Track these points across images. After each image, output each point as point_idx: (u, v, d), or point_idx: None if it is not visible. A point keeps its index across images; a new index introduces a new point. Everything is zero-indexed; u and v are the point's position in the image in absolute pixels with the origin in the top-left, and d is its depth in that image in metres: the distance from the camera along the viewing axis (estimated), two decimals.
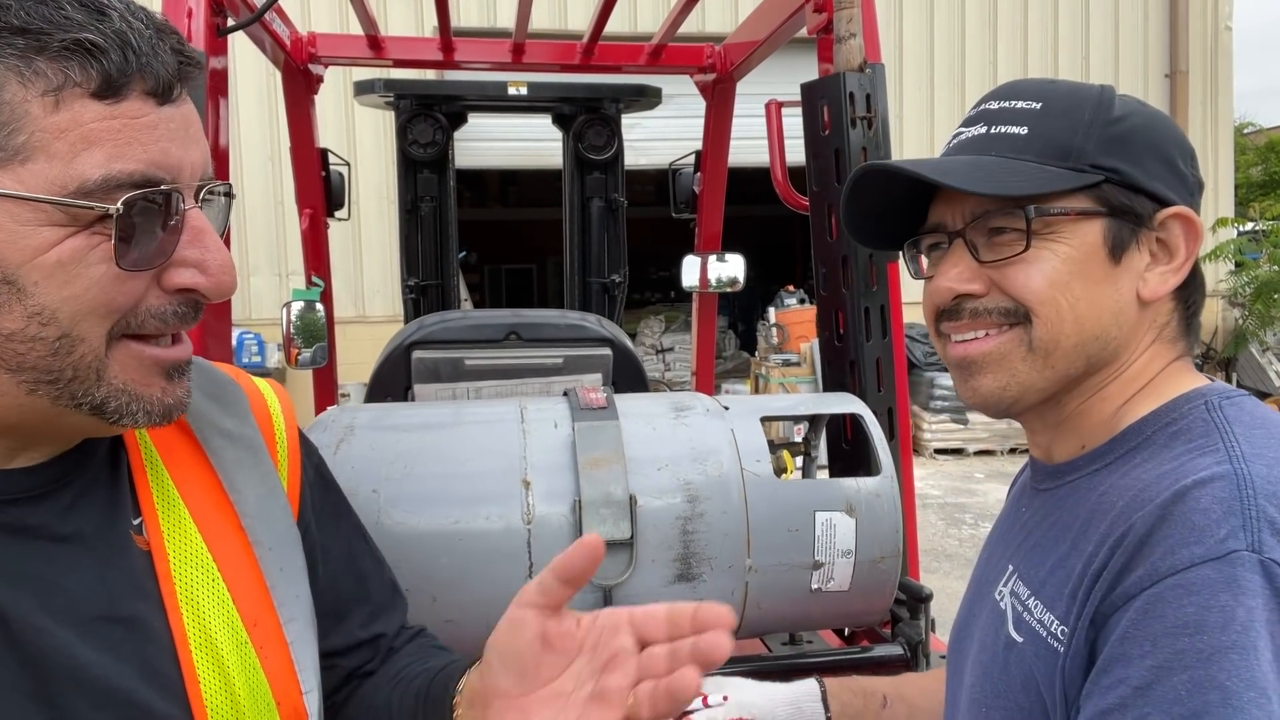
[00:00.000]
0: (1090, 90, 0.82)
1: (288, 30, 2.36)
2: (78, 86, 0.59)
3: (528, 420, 1.43)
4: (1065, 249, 0.79)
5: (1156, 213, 0.79)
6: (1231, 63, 11.23)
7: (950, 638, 1.00)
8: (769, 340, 10.12)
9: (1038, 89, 0.83)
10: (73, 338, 0.62)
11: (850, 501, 1.42)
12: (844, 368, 1.80)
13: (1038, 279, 0.79)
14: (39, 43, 0.59)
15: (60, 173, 0.59)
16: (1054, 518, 0.83)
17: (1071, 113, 0.80)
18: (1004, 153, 0.80)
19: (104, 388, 0.64)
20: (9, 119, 0.59)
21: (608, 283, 3.18)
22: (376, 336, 5.99)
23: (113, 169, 0.60)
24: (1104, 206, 0.79)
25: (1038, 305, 0.79)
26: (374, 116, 8.71)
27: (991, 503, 7.45)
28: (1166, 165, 0.80)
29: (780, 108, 2.12)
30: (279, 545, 0.79)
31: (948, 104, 10.75)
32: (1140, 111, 0.81)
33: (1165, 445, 0.76)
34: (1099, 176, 0.78)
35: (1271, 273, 9.70)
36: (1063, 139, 0.79)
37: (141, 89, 0.62)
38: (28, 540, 0.66)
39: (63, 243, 0.60)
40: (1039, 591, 0.79)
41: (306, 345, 2.80)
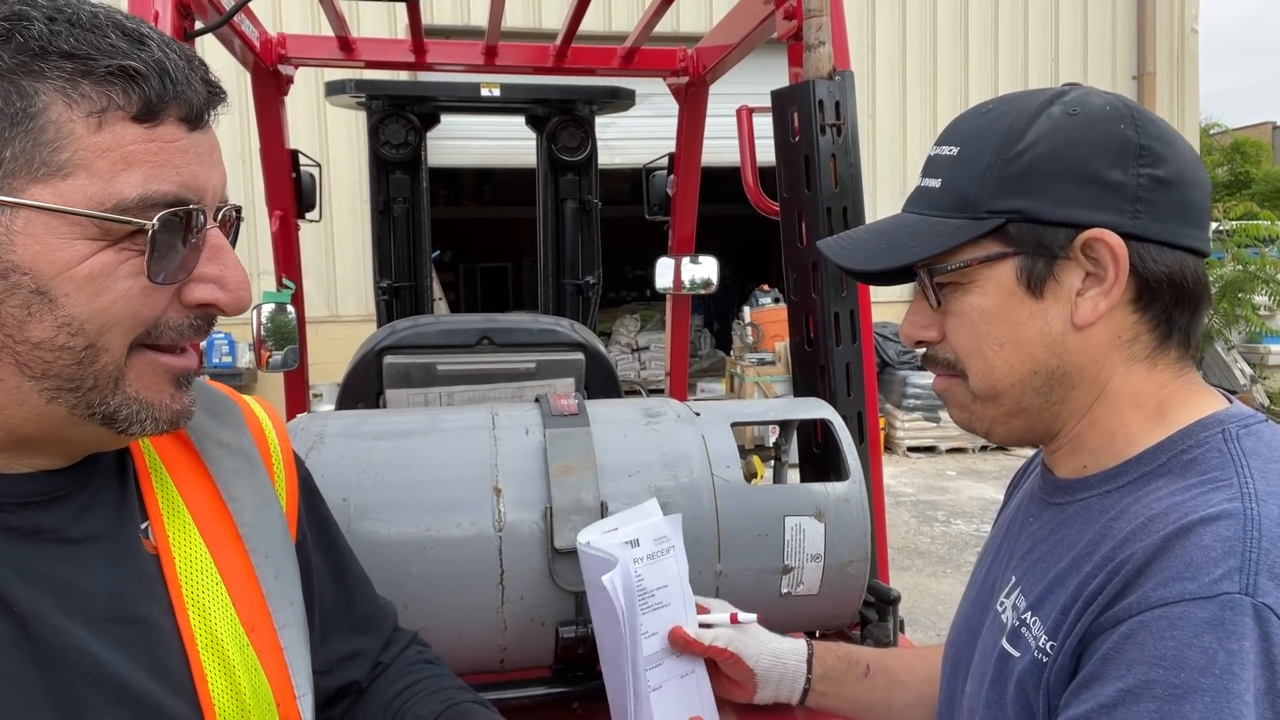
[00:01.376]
0: (1007, 120, 0.79)
1: (257, 31, 2.34)
2: (120, 110, 0.64)
3: (499, 427, 1.43)
4: (979, 297, 0.81)
5: (1073, 239, 0.76)
6: (1197, 64, 11.41)
7: (950, 636, 1.00)
8: (744, 339, 10.16)
9: (965, 129, 0.83)
10: (97, 348, 0.65)
11: (819, 506, 1.43)
12: (814, 372, 1.81)
13: (963, 334, 0.83)
14: (85, 67, 0.63)
15: (99, 190, 0.63)
16: (1060, 534, 0.83)
17: (976, 157, 0.79)
18: (923, 209, 0.84)
19: (118, 396, 0.68)
20: (54, 137, 0.62)
21: (582, 284, 3.19)
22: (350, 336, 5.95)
23: (149, 189, 0.64)
24: (1011, 247, 0.78)
25: (966, 359, 0.83)
26: (347, 115, 8.63)
27: (963, 500, 7.53)
28: (1085, 183, 0.76)
29: (751, 113, 2.14)
30: (274, 553, 0.83)
31: (919, 104, 10.84)
32: (1060, 130, 0.77)
33: (1179, 474, 0.75)
34: (998, 220, 0.78)
35: (1236, 272, 9.87)
36: (962, 189, 0.80)
37: (176, 115, 0.66)
38: (42, 543, 0.69)
39: (94, 256, 0.64)
40: (1036, 607, 0.79)
41: (278, 348, 2.78)
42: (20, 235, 0.62)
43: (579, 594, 1.33)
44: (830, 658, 1.17)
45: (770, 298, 10.72)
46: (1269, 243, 9.96)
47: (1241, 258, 9.89)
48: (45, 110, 0.62)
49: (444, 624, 1.32)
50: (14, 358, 0.64)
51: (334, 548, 0.99)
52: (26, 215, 0.62)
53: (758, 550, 1.41)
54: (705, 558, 1.38)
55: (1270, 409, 9.67)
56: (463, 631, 1.33)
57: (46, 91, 0.62)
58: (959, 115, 0.86)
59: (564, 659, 1.37)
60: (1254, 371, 10.07)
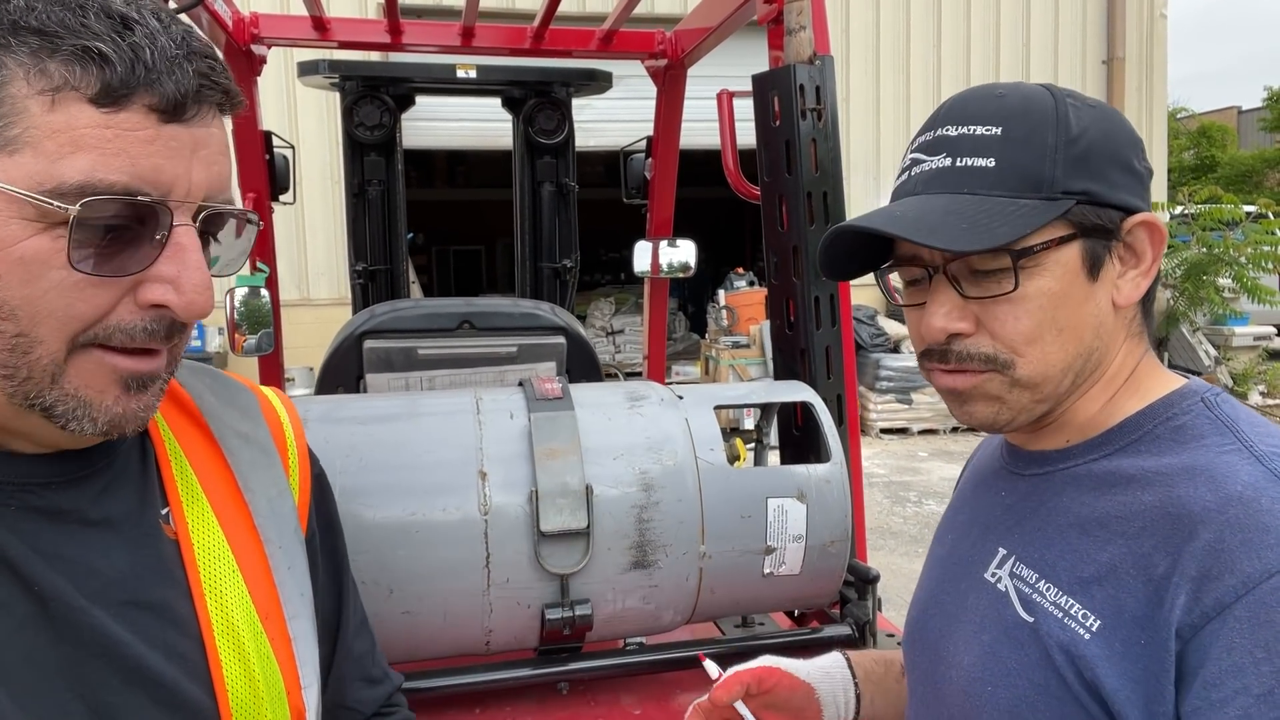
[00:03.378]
0: (1042, 105, 0.80)
1: (229, 10, 2.30)
2: (75, 90, 0.61)
3: (483, 411, 1.43)
4: (1048, 281, 0.79)
5: (1123, 222, 0.80)
6: (1166, 49, 11.54)
7: (912, 618, 1.00)
8: (719, 322, 10.19)
9: (993, 110, 0.81)
10: (30, 338, 0.63)
11: (801, 488, 1.45)
12: (795, 355, 1.83)
13: (1025, 321, 0.80)
14: (52, 45, 0.61)
15: (42, 170, 0.60)
16: (1053, 504, 0.84)
17: (1034, 138, 0.79)
18: (976, 189, 0.79)
19: (55, 391, 0.65)
20: (8, 111, 0.60)
21: (559, 268, 3.18)
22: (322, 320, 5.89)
23: (94, 176, 0.61)
24: (1078, 229, 0.79)
25: (1023, 347, 0.81)
26: (318, 96, 8.53)
27: (935, 480, 7.63)
28: (1126, 170, 0.80)
29: (731, 97, 2.14)
30: (287, 545, 0.83)
31: (893, 87, 10.88)
32: (1094, 120, 0.80)
33: (1172, 438, 0.79)
34: (1071, 201, 0.78)
35: (1200, 255, 10.03)
36: (1033, 169, 0.78)
37: (145, 103, 0.62)
38: (62, 524, 0.69)
39: (29, 240, 0.61)
40: (1050, 575, 0.80)
41: (251, 332, 2.75)
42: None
43: (564, 577, 1.34)
44: (867, 661, 1.12)
45: (745, 281, 10.75)
46: (1233, 226, 10.13)
47: (1206, 240, 10.05)
48: (6, 84, 0.60)
49: (430, 607, 1.32)
50: None
51: (335, 554, 0.98)
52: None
53: (741, 531, 1.42)
54: (689, 540, 1.40)
55: (1234, 390, 9.86)
56: (448, 614, 1.33)
57: (9, 65, 0.60)
58: (962, 98, 0.84)
59: (549, 641, 1.38)
60: (1218, 353, 10.26)
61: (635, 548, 1.38)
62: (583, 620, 1.35)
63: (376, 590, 1.29)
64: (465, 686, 1.38)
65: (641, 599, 1.40)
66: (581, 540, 1.34)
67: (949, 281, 0.82)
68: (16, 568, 0.66)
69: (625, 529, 1.37)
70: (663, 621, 1.45)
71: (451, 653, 1.39)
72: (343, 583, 0.99)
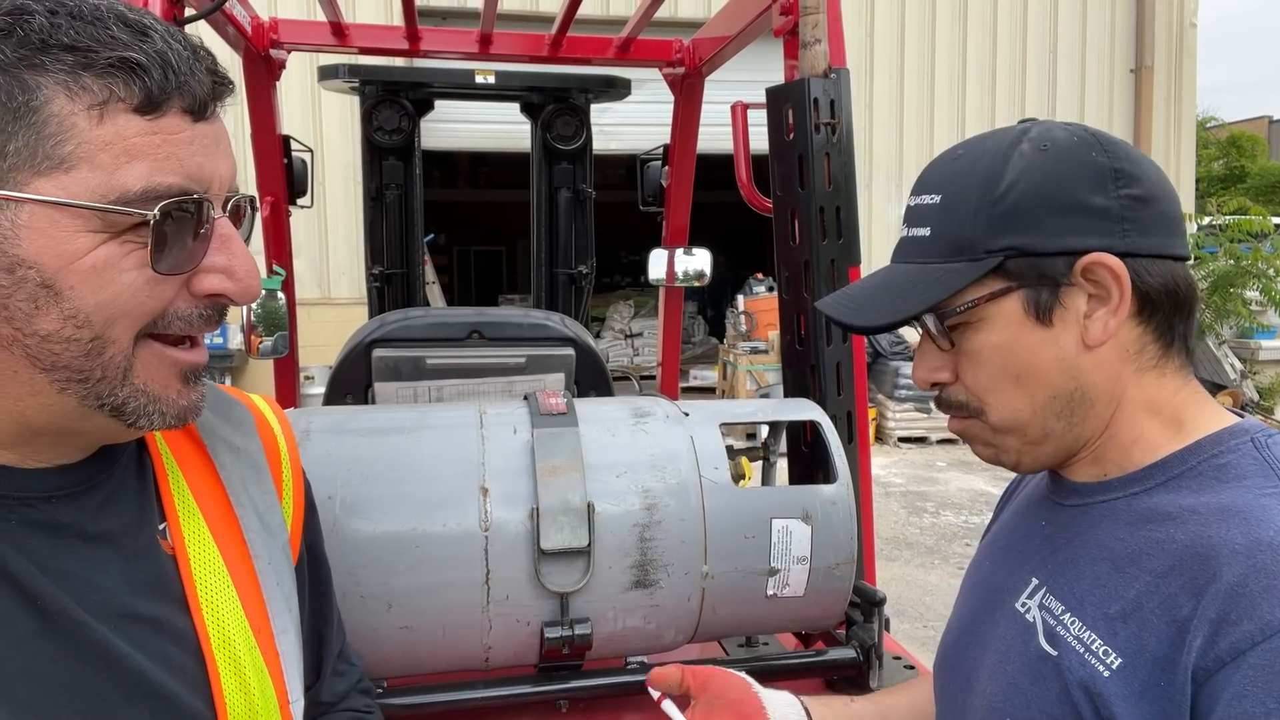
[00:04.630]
0: (982, 164, 0.82)
1: (249, 15, 2.32)
2: (121, 102, 0.63)
3: (487, 425, 1.43)
4: (991, 334, 0.82)
5: (1072, 265, 0.79)
6: (1195, 58, 11.40)
7: (947, 643, 1.00)
8: (737, 328, 10.16)
9: (942, 176, 0.85)
10: (104, 340, 0.66)
11: (807, 509, 1.43)
12: (805, 371, 1.81)
13: (981, 373, 0.84)
14: (86, 59, 0.63)
15: (103, 182, 0.63)
16: (1087, 536, 0.84)
17: (960, 204, 0.82)
18: (915, 258, 0.85)
19: (127, 388, 0.68)
20: (56, 130, 0.62)
21: (575, 273, 3.17)
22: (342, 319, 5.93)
23: (153, 181, 0.64)
24: (1013, 281, 0.80)
25: (985, 396, 0.85)
26: (341, 97, 8.58)
27: (953, 491, 7.57)
28: (1072, 212, 0.79)
29: (746, 109, 2.12)
30: (275, 561, 0.84)
31: (917, 96, 10.81)
32: (1036, 167, 0.80)
33: (1214, 476, 0.77)
34: (997, 259, 0.80)
35: (1228, 266, 9.89)
36: (955, 234, 0.82)
37: (179, 106, 0.66)
38: (62, 538, 0.70)
39: (98, 249, 0.64)
40: (1076, 609, 0.80)
41: (268, 334, 2.77)
42: (25, 229, 0.62)
43: (564, 595, 1.33)
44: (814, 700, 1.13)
45: (765, 286, 10.71)
46: (1262, 238, 9.98)
47: (1234, 252, 9.91)
48: (47, 104, 0.62)
49: (428, 622, 1.32)
50: (25, 351, 0.64)
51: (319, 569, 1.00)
52: (31, 209, 0.62)
53: (745, 552, 1.41)
54: (692, 559, 1.38)
55: (1260, 404, 9.72)
56: (447, 630, 1.33)
57: (48, 85, 0.62)
58: (931, 163, 0.89)
59: (549, 659, 1.37)
60: (1244, 367, 10.11)
61: (637, 566, 1.36)
62: (582, 640, 1.34)
63: (375, 605, 1.28)
64: (464, 703, 1.37)
65: (643, 618, 1.39)
66: (582, 558, 1.33)
67: (936, 336, 0.86)
68: (18, 581, 0.66)
69: (627, 547, 1.36)
70: (664, 641, 1.44)
71: (450, 668, 1.38)
72: (326, 593, 1.00)
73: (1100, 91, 11.02)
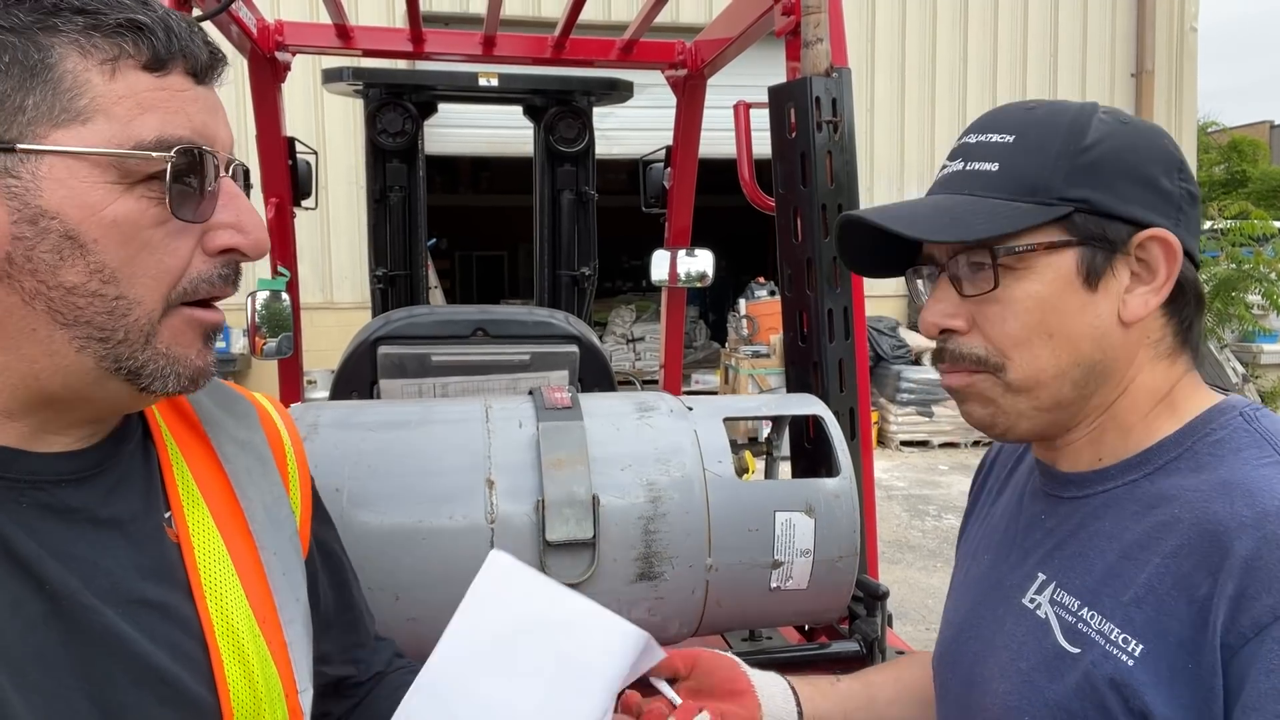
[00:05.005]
0: (1065, 116, 0.82)
1: (254, 18, 2.33)
2: (130, 59, 0.67)
3: (492, 419, 1.44)
4: (1037, 285, 0.80)
5: (1133, 236, 0.79)
6: (1196, 62, 11.41)
7: (945, 639, 0.99)
8: (739, 331, 10.17)
9: (1015, 120, 0.83)
10: (129, 300, 0.68)
11: (810, 502, 1.44)
12: (807, 368, 1.82)
13: (1012, 322, 0.81)
14: (96, 21, 0.66)
15: (118, 132, 0.66)
16: (1093, 528, 0.83)
17: (1041, 146, 0.80)
18: (976, 191, 0.82)
19: (148, 351, 0.69)
20: (71, 85, 0.65)
21: (577, 275, 3.19)
22: (344, 323, 5.95)
23: (166, 131, 0.67)
24: (1075, 236, 0.79)
25: (1011, 350, 0.81)
26: (344, 101, 8.62)
27: (955, 494, 7.56)
28: (1145, 186, 0.80)
29: (748, 108, 2.14)
30: (282, 551, 0.85)
31: (918, 97, 10.84)
32: (1118, 133, 0.81)
33: (1210, 453, 0.78)
34: (1067, 208, 0.79)
35: (1230, 270, 9.90)
36: (1030, 175, 0.80)
37: (183, 67, 0.69)
38: (71, 522, 0.71)
39: (117, 201, 0.66)
40: (1092, 602, 0.79)
41: (272, 335, 2.78)
42: (46, 180, 0.65)
43: (569, 587, 1.34)
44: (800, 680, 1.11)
45: (766, 290, 10.72)
46: (1263, 241, 9.99)
47: (1236, 256, 9.92)
48: (62, 61, 0.65)
49: (434, 615, 1.32)
50: (47, 304, 0.66)
51: (334, 557, 1.01)
52: (50, 161, 0.65)
53: (748, 545, 1.42)
54: (696, 552, 1.39)
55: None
56: None
57: (61, 44, 0.65)
58: (996, 108, 0.87)
59: None
60: (1246, 370, 10.11)
61: (641, 559, 1.37)
62: None
63: (382, 596, 1.29)
64: None
65: (647, 610, 1.40)
66: (587, 551, 1.34)
67: (950, 281, 0.83)
68: (29, 565, 0.67)
69: (632, 540, 1.37)
70: (669, 633, 1.45)
71: None
72: (345, 582, 1.01)
73: (1101, 95, 11.04)
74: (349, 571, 1.03)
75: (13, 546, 0.67)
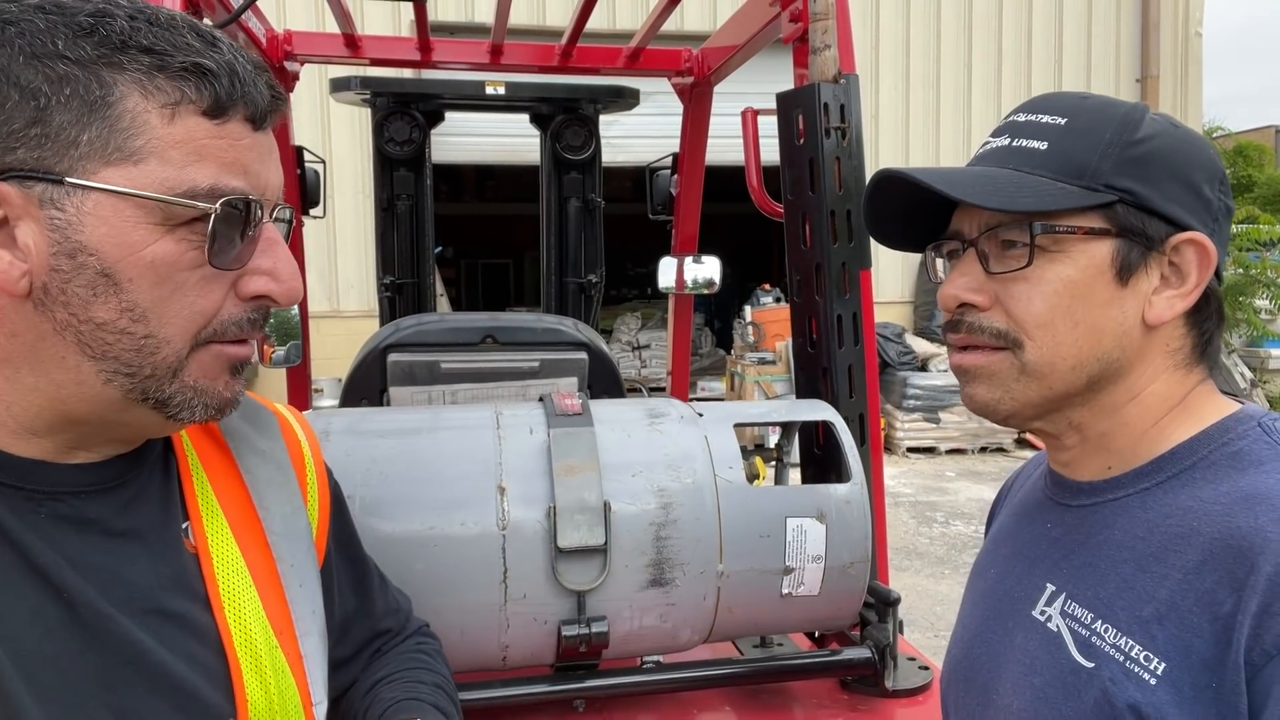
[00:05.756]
0: (1120, 109, 0.81)
1: (263, 28, 2.35)
2: (192, 104, 0.67)
3: (503, 426, 1.44)
4: (1069, 269, 0.79)
5: (1170, 236, 0.79)
6: (1201, 68, 11.41)
7: (955, 655, 0.97)
8: (745, 339, 10.16)
9: (1068, 104, 0.83)
10: (158, 339, 0.68)
11: (821, 508, 1.44)
12: (817, 374, 1.82)
13: (1038, 302, 0.80)
14: (162, 62, 0.66)
15: (171, 176, 0.66)
16: (1103, 536, 0.81)
17: (1093, 131, 0.80)
18: (1021, 167, 0.81)
19: (174, 384, 0.70)
20: (129, 125, 0.65)
21: (584, 283, 3.19)
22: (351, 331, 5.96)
23: (219, 181, 0.68)
24: (1114, 226, 0.78)
25: (1034, 329, 0.80)
26: (350, 110, 8.65)
27: (962, 501, 7.54)
28: (1188, 189, 0.79)
29: (756, 115, 2.14)
30: (299, 563, 0.85)
31: (922, 105, 10.84)
32: (1169, 134, 0.80)
33: (1228, 464, 0.76)
34: (1112, 197, 0.78)
35: (1237, 276, 9.87)
36: (1079, 157, 0.79)
37: (243, 114, 0.69)
38: (89, 533, 0.71)
39: (157, 243, 0.66)
40: (1107, 615, 0.77)
41: (280, 343, 2.79)
42: (90, 216, 0.65)
43: (581, 593, 1.34)
44: None
45: (771, 297, 10.72)
46: (1270, 246, 9.96)
47: (1243, 261, 9.88)
48: (122, 100, 0.65)
49: (446, 622, 1.32)
50: (77, 337, 0.66)
51: (357, 560, 1.02)
52: (97, 198, 0.65)
53: (759, 551, 1.41)
54: (707, 558, 1.39)
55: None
56: (465, 629, 1.33)
57: (124, 82, 0.65)
58: (1046, 94, 0.86)
59: (566, 658, 1.38)
60: (1254, 375, 10.07)
61: (653, 565, 1.37)
62: (599, 638, 1.34)
63: None
64: (481, 701, 1.38)
65: (659, 617, 1.40)
66: (599, 557, 1.34)
67: (977, 256, 0.82)
68: (47, 575, 0.67)
69: (643, 546, 1.37)
70: (680, 640, 1.44)
71: (468, 667, 1.39)
72: (366, 584, 1.02)
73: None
74: (371, 574, 1.04)
75: (32, 556, 0.67)
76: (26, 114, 0.64)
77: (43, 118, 0.64)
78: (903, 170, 0.83)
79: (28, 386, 0.68)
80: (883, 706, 1.51)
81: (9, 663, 0.64)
